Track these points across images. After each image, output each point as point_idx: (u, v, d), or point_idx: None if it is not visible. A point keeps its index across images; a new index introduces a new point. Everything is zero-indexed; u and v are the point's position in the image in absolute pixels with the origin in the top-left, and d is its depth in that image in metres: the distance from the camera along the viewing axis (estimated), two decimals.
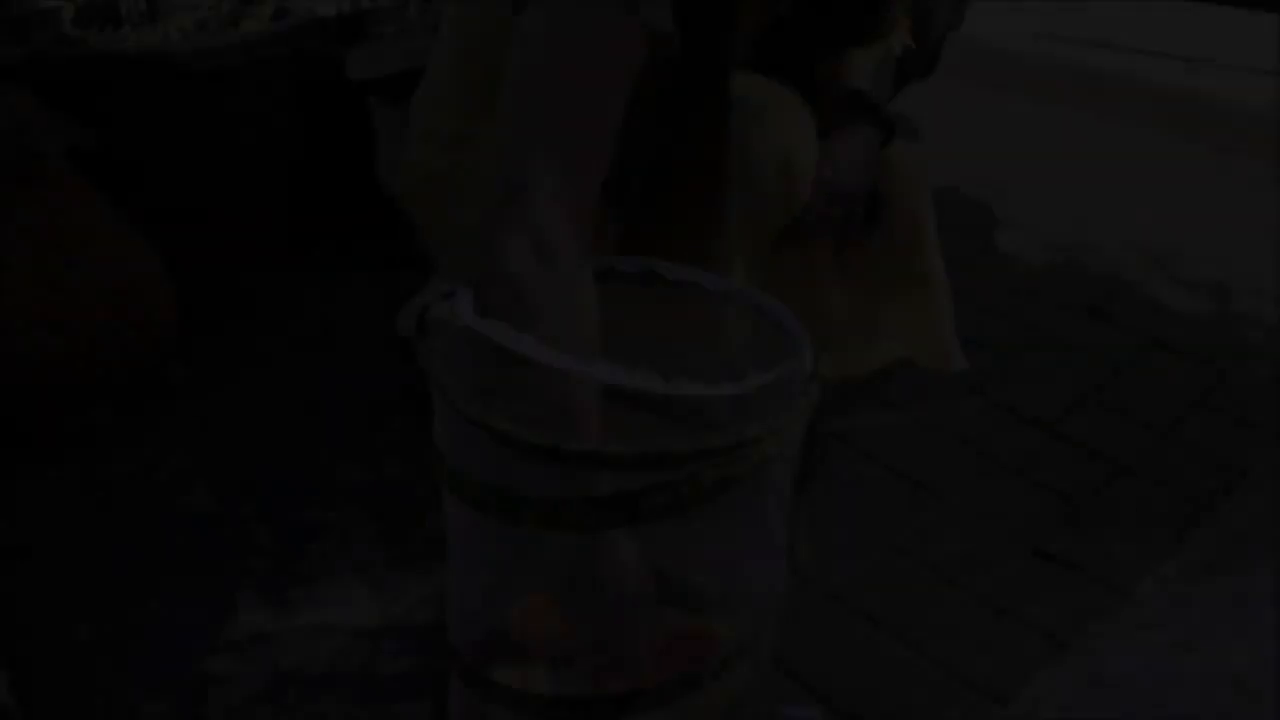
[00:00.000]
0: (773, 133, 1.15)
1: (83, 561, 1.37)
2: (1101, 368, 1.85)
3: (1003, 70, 3.47)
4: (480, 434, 0.81)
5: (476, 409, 0.81)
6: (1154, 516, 1.49)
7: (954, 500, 1.51)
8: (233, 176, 1.87)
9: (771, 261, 1.19)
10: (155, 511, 1.44)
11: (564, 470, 0.80)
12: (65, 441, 1.58)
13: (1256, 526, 1.47)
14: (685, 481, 0.79)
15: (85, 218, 1.59)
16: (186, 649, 1.23)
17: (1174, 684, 1.20)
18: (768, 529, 0.95)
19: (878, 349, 1.40)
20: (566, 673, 1.00)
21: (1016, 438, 1.65)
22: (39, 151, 1.50)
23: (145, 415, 1.65)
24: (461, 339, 1.00)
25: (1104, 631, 1.28)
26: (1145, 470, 1.59)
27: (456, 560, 1.02)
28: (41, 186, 1.55)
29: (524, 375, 0.83)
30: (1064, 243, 2.34)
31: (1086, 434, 1.66)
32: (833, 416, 1.60)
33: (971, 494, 1.52)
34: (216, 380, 1.75)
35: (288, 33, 1.79)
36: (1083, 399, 1.76)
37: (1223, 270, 2.24)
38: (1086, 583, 1.36)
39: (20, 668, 1.17)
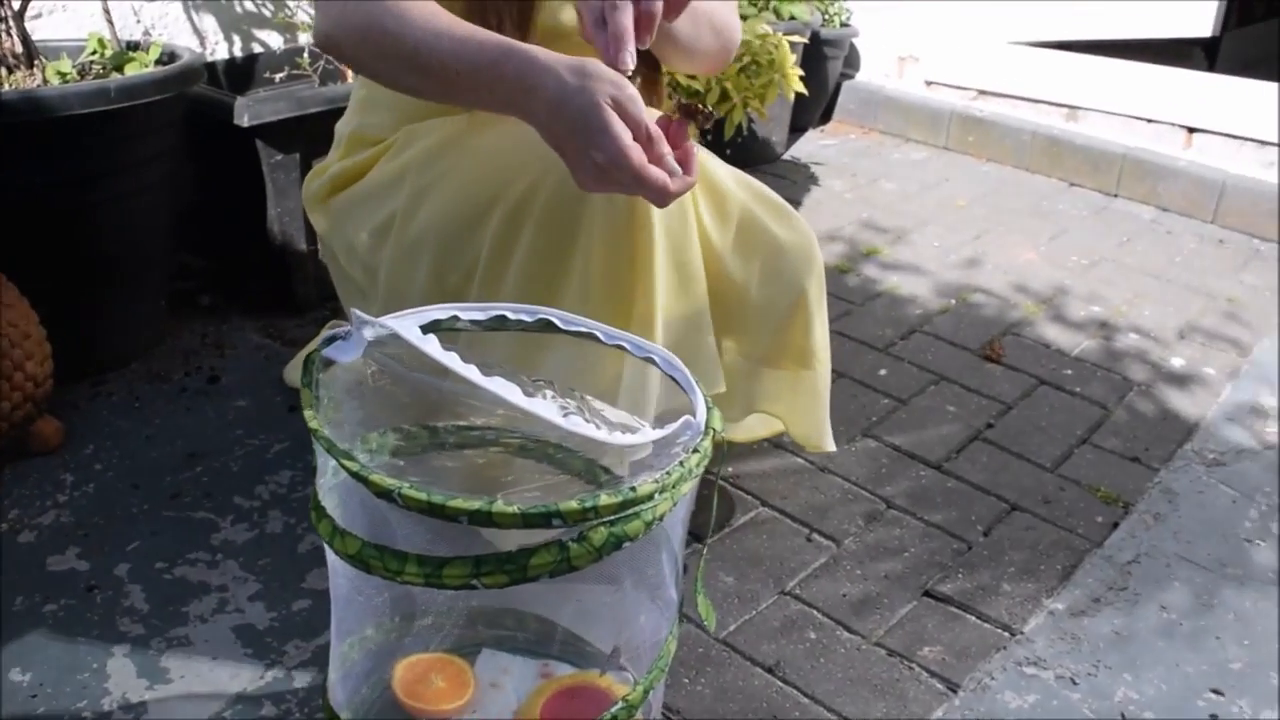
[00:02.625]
0: None
1: None
2: (991, 408, 1.89)
3: (896, 116, 3.56)
4: (362, 490, 0.79)
5: (358, 465, 0.78)
6: (1043, 554, 1.52)
7: (846, 543, 1.51)
8: (112, 222, 1.80)
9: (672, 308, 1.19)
10: (23, 574, 1.37)
11: (449, 529, 0.78)
12: None
13: (1142, 560, 1.50)
14: (576, 540, 0.77)
15: None
16: None
17: None
18: (660, 582, 0.94)
19: (755, 419, 1.42)
20: None
21: (908, 479, 1.67)
22: None
23: (14, 473, 1.58)
24: (347, 385, 0.98)
25: (994, 669, 1.30)
26: (1034, 508, 1.62)
27: (340, 620, 0.98)
28: None
29: None
30: (956, 285, 2.39)
31: (977, 473, 1.69)
32: (721, 459, 1.60)
33: (863, 536, 1.53)
34: (91, 433, 1.68)
35: (172, 76, 1.74)
36: (973, 439, 1.79)
37: (1107, 309, 2.31)
38: (977, 622, 1.38)
39: None
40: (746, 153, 3.06)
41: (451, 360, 0.80)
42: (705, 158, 1.23)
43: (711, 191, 1.21)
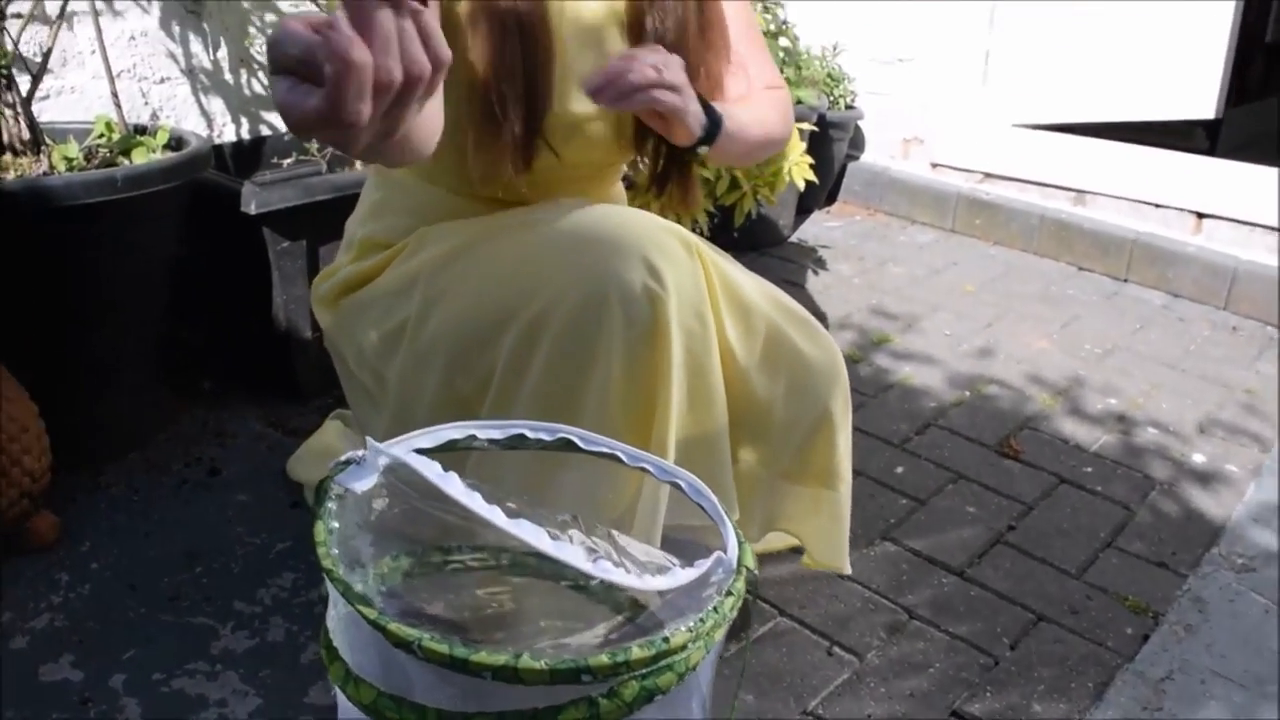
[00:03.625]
0: None
1: None
2: (1012, 509, 1.84)
3: (902, 198, 3.56)
4: (380, 638, 0.74)
5: (375, 613, 0.74)
6: (1073, 669, 1.46)
7: (869, 658, 1.46)
8: (113, 309, 1.77)
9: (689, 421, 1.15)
10: (14, 684, 1.31)
11: (472, 683, 0.74)
12: None
13: (1176, 677, 1.45)
14: (606, 695, 0.73)
15: None
16: None
17: None
18: None
19: (773, 533, 1.38)
20: None
21: (929, 587, 1.62)
22: None
23: (8, 572, 1.53)
24: (359, 509, 0.94)
25: None
26: (1061, 618, 1.56)
27: None
28: None
29: None
30: (970, 376, 2.36)
31: (1000, 581, 1.64)
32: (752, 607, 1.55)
33: (886, 650, 1.48)
34: (88, 530, 1.63)
35: (180, 164, 1.72)
36: (995, 543, 1.74)
37: (1124, 402, 2.28)
38: None
39: None
40: (754, 236, 3.04)
41: (475, 502, 0.75)
42: (730, 267, 1.21)
43: (737, 306, 1.18)
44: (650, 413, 1.09)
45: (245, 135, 2.38)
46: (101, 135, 1.98)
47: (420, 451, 0.91)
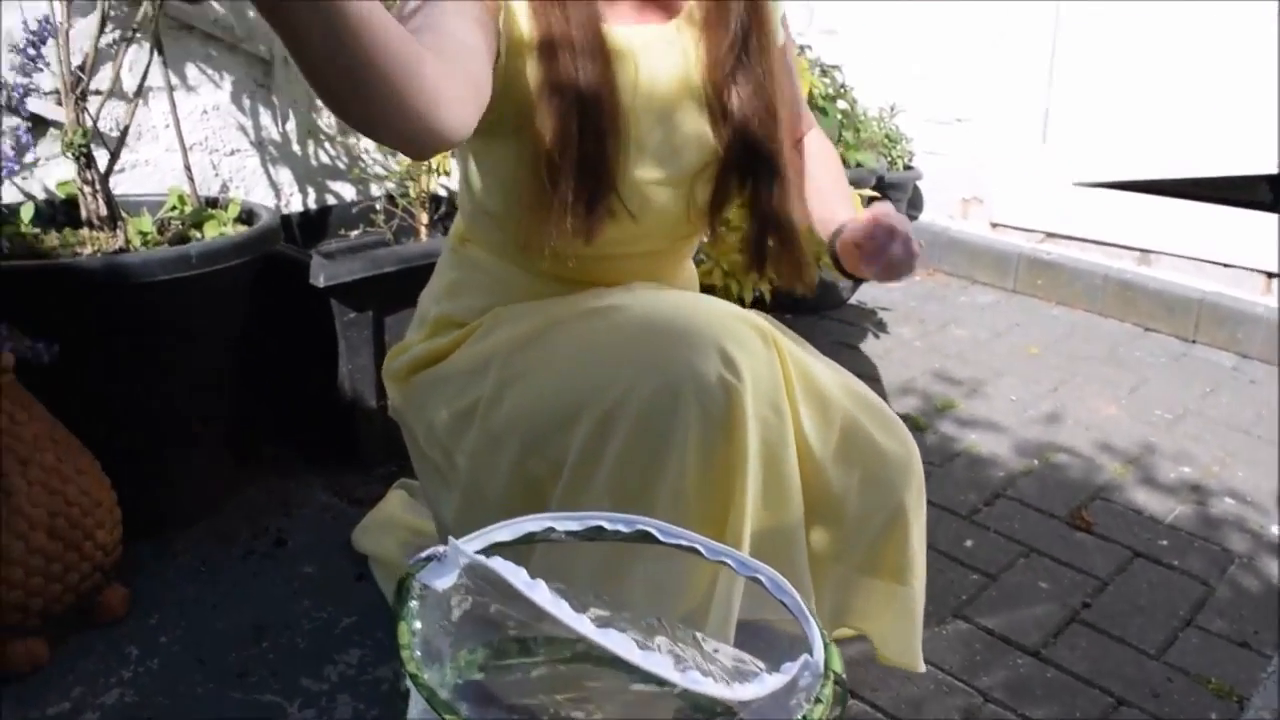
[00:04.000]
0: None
1: None
2: (1086, 584, 1.80)
3: (961, 258, 3.53)
4: None
5: None
6: None
7: None
8: (183, 380, 1.79)
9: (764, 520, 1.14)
10: None
11: None
12: None
13: None
14: None
15: (33, 434, 1.51)
16: None
17: None
18: None
19: (842, 625, 1.35)
20: None
21: (1004, 668, 1.58)
22: None
23: (79, 645, 1.54)
24: (438, 605, 0.93)
25: None
26: (1142, 702, 1.52)
27: None
28: None
29: None
30: (1038, 443, 2.32)
31: (1077, 662, 1.60)
32: (843, 703, 1.52)
33: None
34: (157, 602, 1.64)
35: (251, 240, 1.75)
36: (1070, 621, 1.70)
37: (1198, 470, 2.22)
38: None
39: None
40: (814, 300, 3.03)
41: (563, 611, 0.75)
42: (806, 356, 1.19)
43: (814, 396, 1.16)
44: (725, 504, 1.08)
45: (312, 204, 2.42)
46: (174, 208, 2.02)
47: (498, 545, 0.90)
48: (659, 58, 1.22)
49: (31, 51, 1.27)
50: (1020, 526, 1.97)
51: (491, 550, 0.90)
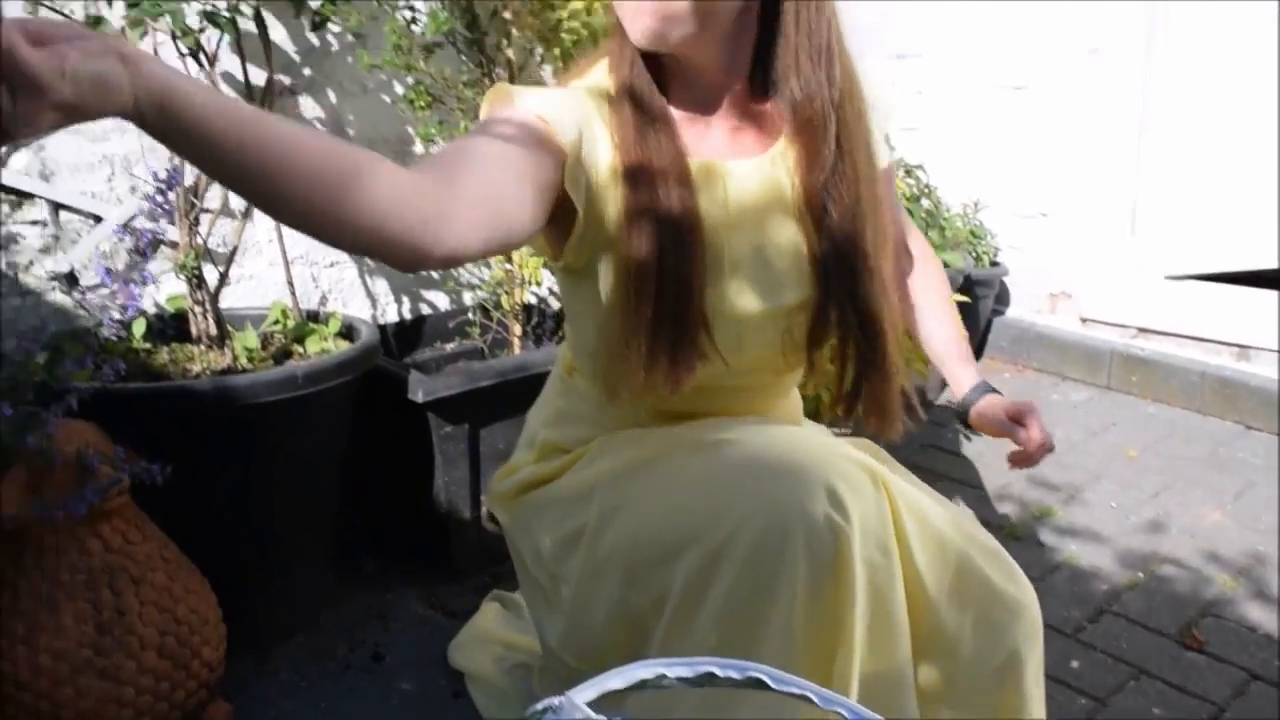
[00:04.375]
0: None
1: None
2: (1201, 710, 1.73)
3: (1050, 354, 3.48)
4: None
5: None
6: None
7: None
8: (285, 495, 1.83)
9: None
10: None
11: None
12: None
13: None
14: None
15: (144, 554, 1.55)
16: None
17: None
18: None
19: None
20: None
21: None
22: (104, 487, 1.48)
23: None
24: None
25: None
26: None
27: None
28: (104, 522, 1.52)
29: None
30: (1142, 554, 2.25)
31: None
32: None
33: None
34: (258, 718, 1.66)
35: (354, 359, 1.79)
36: None
37: None
38: None
39: None
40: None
41: None
42: (918, 495, 1.17)
43: (927, 535, 1.15)
44: (833, 646, 1.07)
45: (407, 315, 2.48)
46: (277, 322, 2.08)
47: (611, 696, 0.90)
48: (752, 190, 1.22)
49: (159, 198, 1.34)
50: (1128, 645, 1.90)
51: (604, 703, 0.90)
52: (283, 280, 2.19)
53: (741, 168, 1.22)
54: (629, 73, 1.19)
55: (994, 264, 3.42)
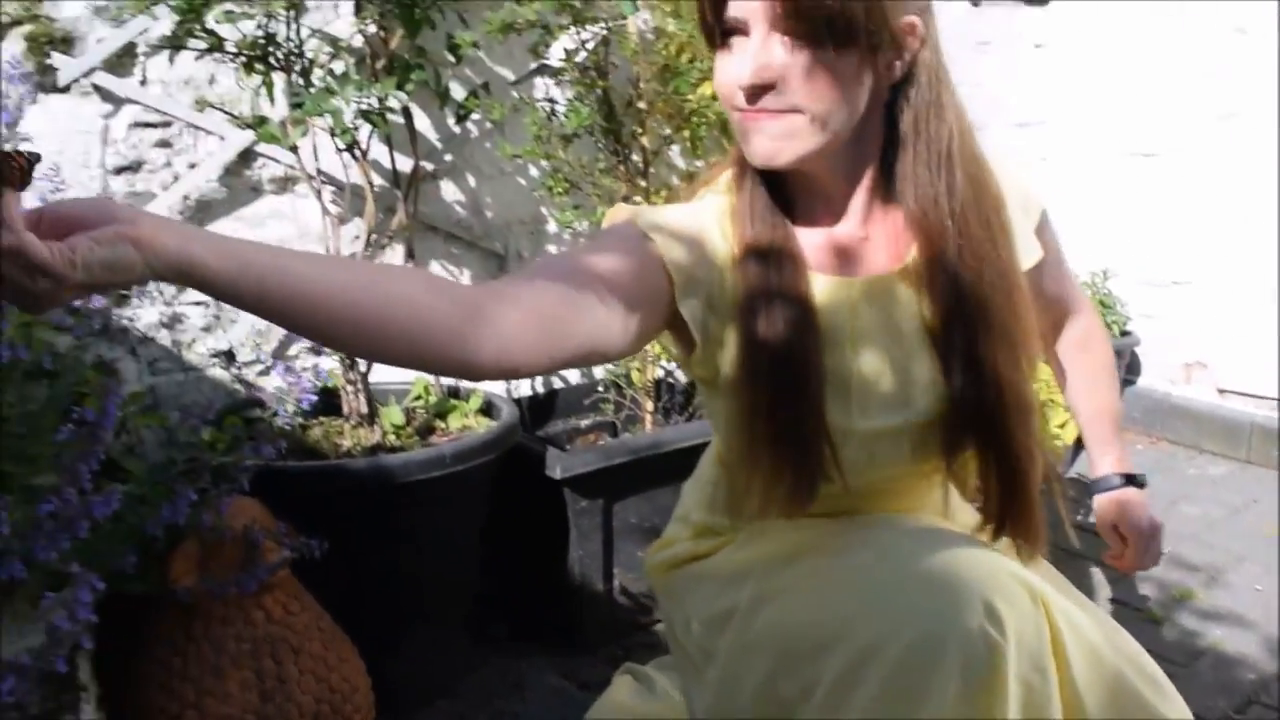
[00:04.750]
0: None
1: None
2: None
3: (1186, 426, 3.39)
4: None
5: None
6: None
7: None
8: (427, 567, 1.90)
9: None
10: None
11: None
12: None
13: None
14: None
15: (303, 624, 1.63)
16: None
17: None
18: None
19: None
20: None
21: None
22: (274, 566, 1.56)
23: None
24: None
25: None
26: None
27: None
28: (267, 594, 1.61)
29: None
30: None
31: None
32: None
33: None
34: None
35: (497, 438, 1.87)
36: None
37: None
38: None
39: None
40: None
41: None
42: (1079, 613, 1.14)
43: (1086, 655, 1.13)
44: None
45: (540, 388, 2.56)
46: (419, 397, 2.17)
47: None
48: (879, 306, 1.19)
49: None
50: None
51: None
52: None
53: (867, 281, 1.19)
54: (749, 188, 1.17)
55: (1124, 333, 3.36)
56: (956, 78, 1.18)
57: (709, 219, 1.18)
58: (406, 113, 2.06)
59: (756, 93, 1.07)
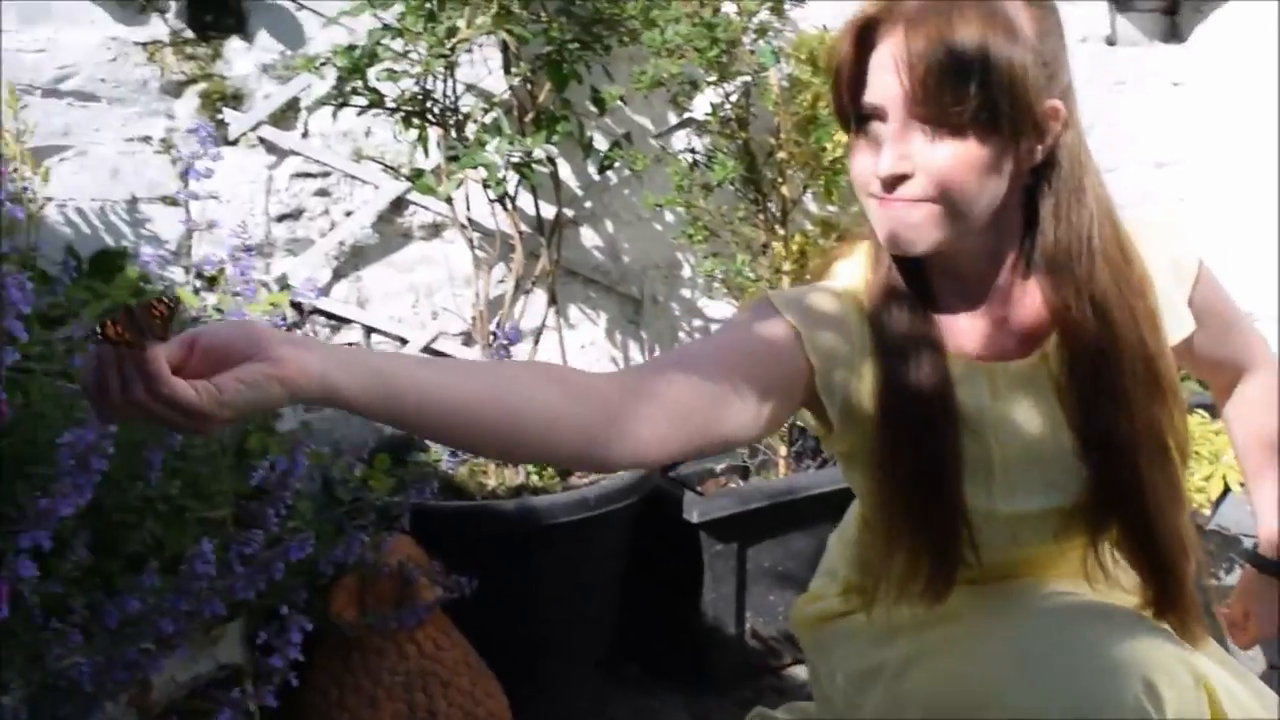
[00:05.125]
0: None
1: None
2: None
3: None
4: None
5: None
6: None
7: None
8: (565, 607, 1.95)
9: None
10: None
11: None
12: None
13: None
14: None
15: (452, 660, 1.70)
16: None
17: None
18: None
19: None
20: None
21: None
22: (433, 604, 1.63)
23: None
24: None
25: None
26: None
27: None
28: (420, 629, 1.68)
29: None
30: None
31: None
32: None
33: None
34: None
35: (636, 483, 1.92)
36: None
37: None
38: None
39: None
40: None
41: None
42: (1240, 690, 1.13)
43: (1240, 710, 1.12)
44: None
45: None
46: None
47: None
48: (1020, 389, 1.16)
49: (500, 352, 1.50)
50: None
51: None
52: None
53: (1007, 366, 1.17)
54: (886, 267, 1.15)
55: None
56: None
57: (847, 299, 1.16)
58: (551, 162, 2.14)
59: (893, 182, 1.05)
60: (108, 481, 1.06)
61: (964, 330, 1.17)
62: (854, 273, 1.19)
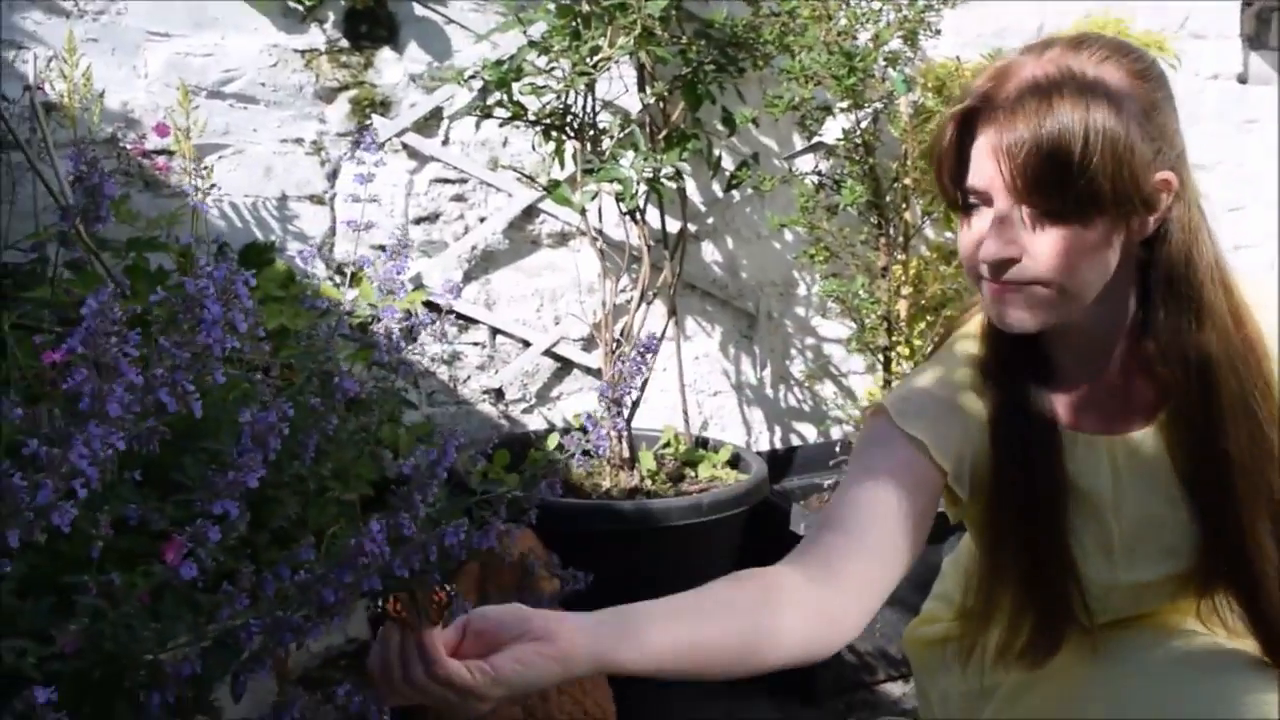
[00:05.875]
0: None
1: None
2: None
3: None
4: None
5: None
6: None
7: None
8: None
9: None
10: None
11: None
12: None
13: None
14: None
15: None
16: None
17: None
18: None
19: None
20: None
21: None
22: (554, 597, 1.71)
23: None
24: None
25: None
26: None
27: None
28: None
29: None
30: None
31: None
32: None
33: None
34: None
35: (748, 491, 1.97)
36: None
37: None
38: None
39: None
40: None
41: None
42: None
43: None
44: None
45: (778, 444, 2.65)
46: (668, 445, 2.30)
47: None
48: (1136, 463, 1.17)
49: (637, 359, 1.56)
50: None
51: None
52: (669, 404, 2.42)
53: (1127, 440, 1.17)
54: (999, 342, 1.15)
55: None
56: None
57: (961, 377, 1.18)
58: (680, 178, 2.21)
59: (1000, 266, 1.05)
60: (265, 461, 1.15)
61: (1080, 404, 1.18)
62: (970, 345, 1.21)
